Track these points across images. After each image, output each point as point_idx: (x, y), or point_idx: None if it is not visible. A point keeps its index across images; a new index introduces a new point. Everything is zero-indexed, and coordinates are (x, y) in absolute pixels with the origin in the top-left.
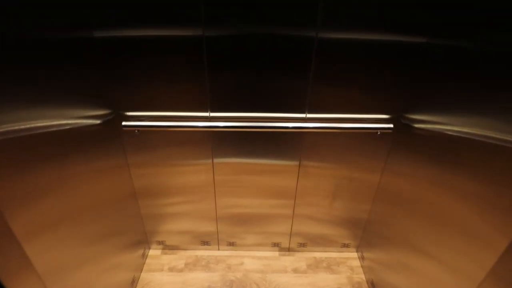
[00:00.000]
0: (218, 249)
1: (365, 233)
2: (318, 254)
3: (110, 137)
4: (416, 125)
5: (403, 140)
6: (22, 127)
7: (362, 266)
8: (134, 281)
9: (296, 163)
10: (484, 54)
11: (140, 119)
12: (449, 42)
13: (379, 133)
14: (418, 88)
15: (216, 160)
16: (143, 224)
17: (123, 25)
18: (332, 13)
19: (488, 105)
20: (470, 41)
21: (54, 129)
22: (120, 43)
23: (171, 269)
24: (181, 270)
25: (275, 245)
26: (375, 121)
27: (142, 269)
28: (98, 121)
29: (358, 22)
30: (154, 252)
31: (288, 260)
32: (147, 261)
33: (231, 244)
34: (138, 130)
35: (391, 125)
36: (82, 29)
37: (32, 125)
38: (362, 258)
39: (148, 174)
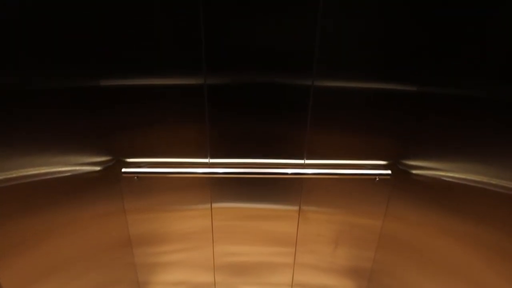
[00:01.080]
0: None
1: (370, 284)
2: None
3: (108, 183)
4: (414, 171)
5: (403, 186)
6: (17, 175)
7: None
8: None
9: (296, 208)
10: (474, 100)
11: (140, 165)
12: (438, 90)
13: (377, 179)
14: (413, 134)
15: (214, 205)
16: (137, 274)
17: (128, 75)
18: (326, 63)
19: (484, 151)
20: (458, 89)
21: (53, 176)
22: (125, 91)
23: None
24: None
25: None
26: (373, 167)
27: None
28: (98, 168)
29: (352, 71)
30: None
31: None
32: None
33: None
34: (137, 177)
35: (389, 171)
36: (89, 78)
37: (30, 173)
38: None
39: (144, 220)
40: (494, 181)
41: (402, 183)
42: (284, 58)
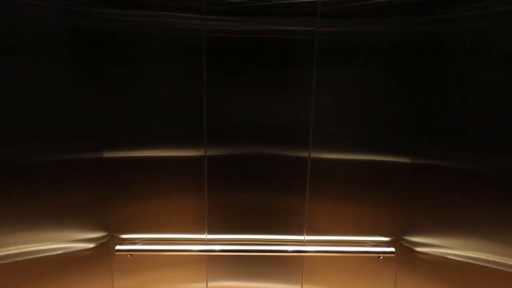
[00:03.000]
0: None
1: None
2: None
3: (99, 261)
4: (418, 249)
5: (408, 265)
6: (6, 253)
7: None
8: None
9: (298, 287)
10: (473, 174)
11: (135, 242)
12: (434, 162)
13: (381, 257)
14: (414, 209)
15: (211, 284)
16: None
17: (133, 147)
18: (322, 136)
19: (487, 226)
20: (454, 162)
21: (44, 254)
22: (126, 163)
23: None
24: None
25: None
26: (376, 244)
27: None
28: (91, 245)
29: (346, 144)
30: None
31: None
32: None
33: None
34: (131, 254)
35: (393, 249)
36: (92, 151)
37: (21, 250)
38: None
39: None
40: (498, 258)
41: (407, 261)
42: (282, 132)
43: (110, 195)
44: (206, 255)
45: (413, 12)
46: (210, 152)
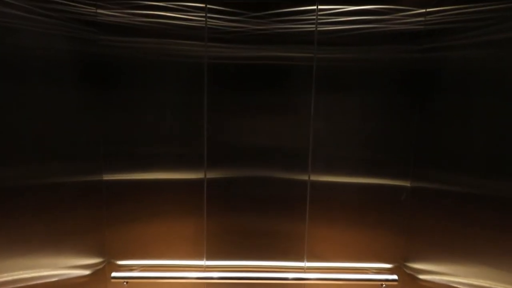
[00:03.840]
0: None
1: None
2: None
3: None
4: (422, 276)
5: None
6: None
7: None
8: None
9: None
10: (473, 198)
11: (131, 268)
12: (433, 186)
13: (384, 285)
14: (416, 234)
15: None
16: None
17: (133, 169)
18: (321, 160)
19: (489, 252)
20: (452, 186)
21: (38, 281)
22: (125, 186)
23: None
24: None
25: None
26: (378, 271)
27: None
28: (87, 272)
29: (346, 167)
30: None
31: None
32: None
33: None
34: (126, 282)
35: (396, 277)
36: (93, 173)
37: (16, 277)
38: None
39: None
40: (500, 286)
41: None
42: (282, 155)
43: (107, 219)
44: (204, 283)
45: (404, 41)
46: (210, 175)
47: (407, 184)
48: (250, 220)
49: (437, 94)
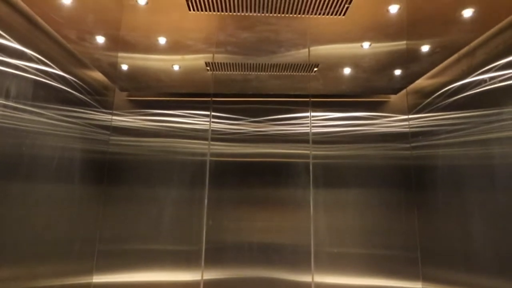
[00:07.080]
0: None
1: None
2: None
3: None
4: None
5: None
6: None
7: None
8: None
9: None
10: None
11: None
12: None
13: None
14: None
15: None
16: None
17: (125, 269)
18: (324, 260)
19: None
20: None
21: None
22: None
23: None
24: None
25: None
26: None
27: None
28: None
29: (352, 265)
30: None
31: None
32: None
33: None
34: None
35: None
36: (83, 274)
37: None
38: None
39: None
40: None
41: None
42: (282, 253)
43: None
44: None
45: (394, 140)
46: (208, 275)
47: (418, 286)
48: None
49: (431, 191)
